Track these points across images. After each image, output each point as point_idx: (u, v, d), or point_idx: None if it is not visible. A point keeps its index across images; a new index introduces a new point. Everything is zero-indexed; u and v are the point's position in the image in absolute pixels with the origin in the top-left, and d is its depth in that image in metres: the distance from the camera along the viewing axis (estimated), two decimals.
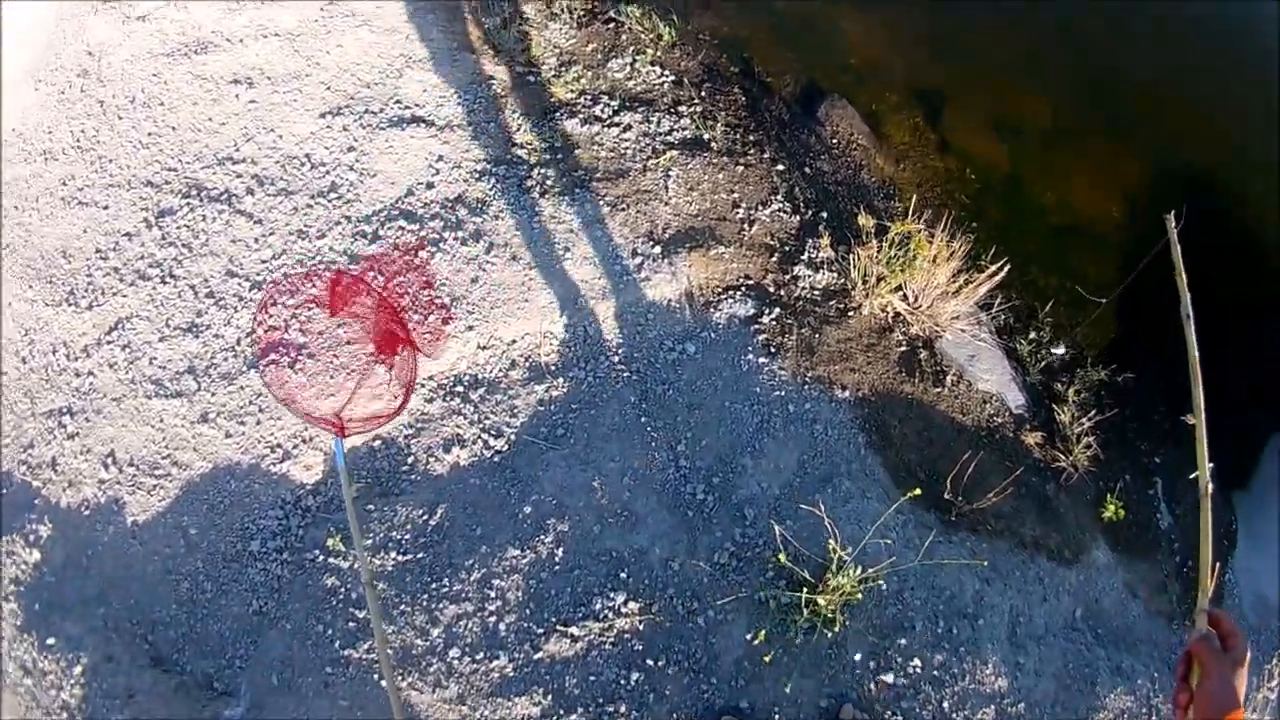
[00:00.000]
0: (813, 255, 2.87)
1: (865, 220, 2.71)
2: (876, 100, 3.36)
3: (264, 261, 2.80)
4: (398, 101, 3.23)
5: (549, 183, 3.06)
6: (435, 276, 2.83)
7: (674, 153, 3.05)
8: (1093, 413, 2.84)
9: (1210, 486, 0.92)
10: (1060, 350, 3.13)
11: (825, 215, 2.96)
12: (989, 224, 3.18)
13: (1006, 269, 2.70)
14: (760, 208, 2.95)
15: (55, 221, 3.06)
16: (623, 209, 2.97)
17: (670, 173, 3.01)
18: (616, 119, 3.18)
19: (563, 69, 3.39)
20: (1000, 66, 3.52)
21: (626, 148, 3.10)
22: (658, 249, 2.87)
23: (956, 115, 3.36)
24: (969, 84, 3.45)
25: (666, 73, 3.33)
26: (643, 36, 3.45)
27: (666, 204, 2.96)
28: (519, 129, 3.22)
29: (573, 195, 3.02)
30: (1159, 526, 2.92)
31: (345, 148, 3.08)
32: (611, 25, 3.51)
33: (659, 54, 3.40)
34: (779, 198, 2.96)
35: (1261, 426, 3.13)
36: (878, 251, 2.71)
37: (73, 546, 2.42)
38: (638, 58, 3.37)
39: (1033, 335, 3.09)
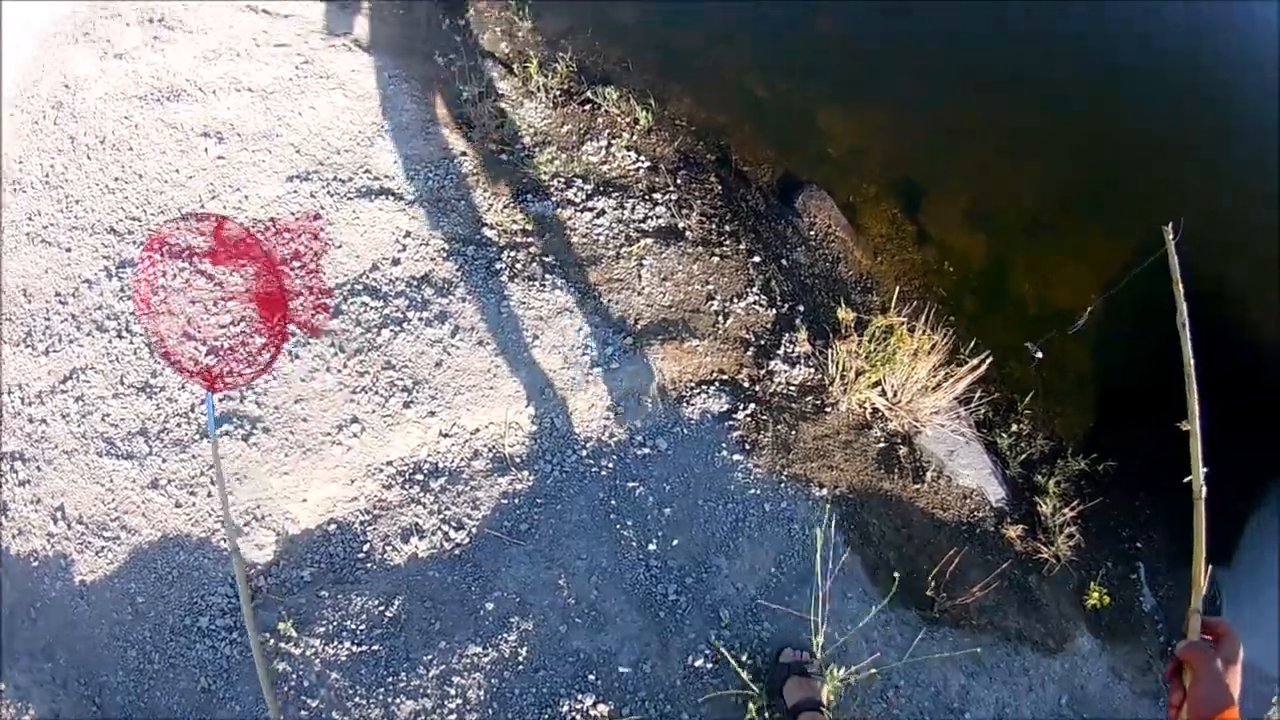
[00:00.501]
0: (789, 350, 3.69)
1: (844, 314, 3.57)
2: (854, 192, 4.34)
3: (222, 327, 3.48)
4: (367, 171, 4.07)
5: (518, 266, 3.87)
6: (322, 256, 3.61)
7: (648, 241, 3.91)
8: (1075, 503, 3.64)
9: (1204, 491, 1.19)
10: (1041, 442, 3.98)
11: (802, 309, 3.82)
12: (967, 316, 4.09)
13: (987, 362, 3.56)
14: (736, 300, 3.79)
15: (18, 257, 3.73)
16: (594, 297, 3.78)
17: (644, 261, 3.86)
18: (590, 204, 4.06)
19: (536, 149, 4.30)
20: (979, 156, 4.57)
21: (599, 234, 3.96)
22: (629, 340, 3.66)
23: (935, 206, 4.35)
24: (948, 174, 4.47)
25: (642, 158, 4.27)
26: (619, 120, 4.42)
27: (639, 294, 3.78)
28: (489, 209, 4.06)
29: (543, 281, 3.83)
30: (1142, 609, 3.68)
31: (311, 215, 3.87)
32: (588, 107, 4.48)
33: (635, 139, 4.35)
34: (755, 290, 3.82)
35: (1242, 504, 3.98)
36: (857, 345, 3.55)
37: (21, 595, 2.96)
38: (613, 142, 4.31)
39: (1013, 428, 3.93)
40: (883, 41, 4.94)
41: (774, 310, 3.79)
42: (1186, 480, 1.25)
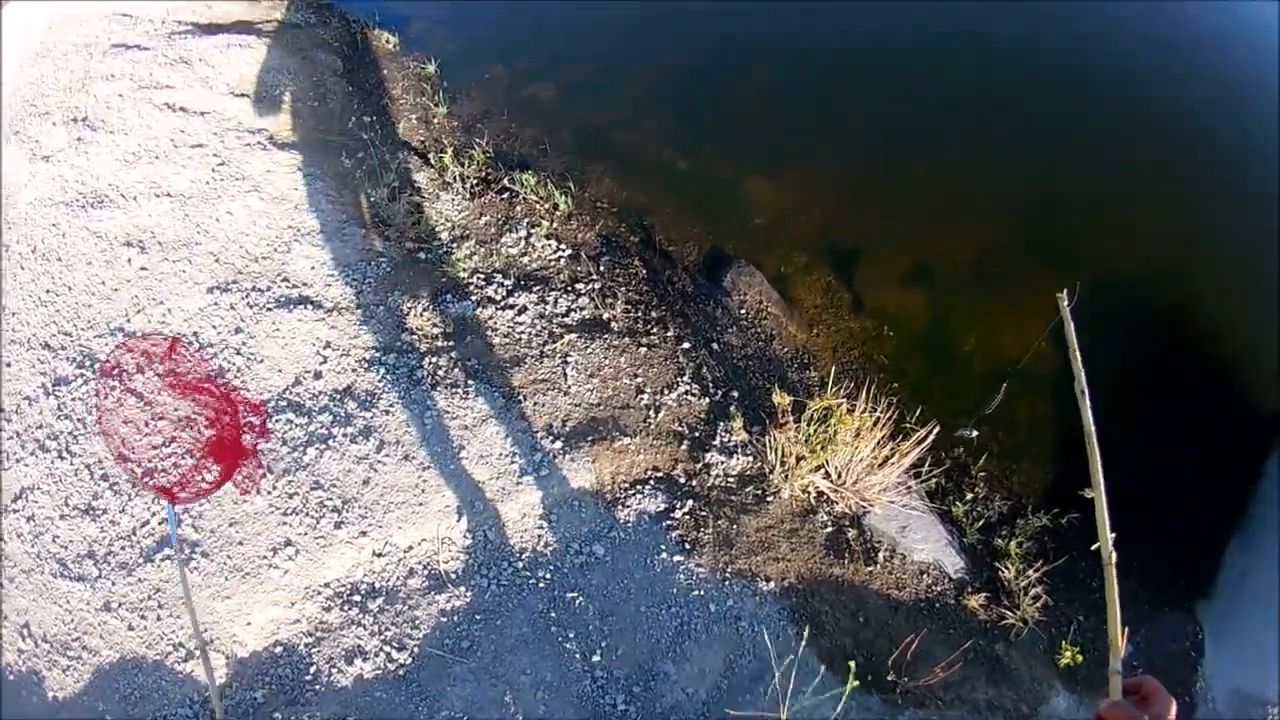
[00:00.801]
0: (725, 440, 4.21)
1: (780, 398, 4.09)
2: (784, 262, 4.93)
3: (154, 448, 3.91)
4: (285, 279, 4.59)
5: (441, 373, 4.38)
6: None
7: (572, 336, 4.44)
8: (1039, 563, 4.10)
9: (1113, 556, 1.34)
10: (999, 504, 4.49)
11: (736, 394, 4.35)
12: (911, 382, 4.64)
13: (935, 431, 4.07)
14: (666, 391, 4.32)
15: None
16: (520, 401, 4.28)
17: (569, 358, 4.39)
18: (511, 300, 4.60)
19: (455, 245, 4.86)
20: (912, 212, 5.18)
21: (522, 332, 4.49)
22: (559, 444, 4.16)
23: (869, 269, 4.93)
24: (880, 235, 5.07)
25: (563, 246, 4.83)
26: (538, 207, 5.00)
27: (566, 393, 4.30)
28: (409, 312, 4.58)
29: (466, 387, 4.34)
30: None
31: (233, 328, 4.36)
32: (505, 195, 5.06)
33: (554, 226, 4.93)
34: (686, 379, 4.35)
35: (1216, 536, 4.48)
36: (796, 431, 4.06)
37: (4, 703, 3.37)
38: (532, 231, 4.88)
39: (968, 494, 4.44)
40: (804, 103, 5.61)
41: (707, 399, 4.31)
42: (1095, 547, 1.42)
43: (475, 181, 5.08)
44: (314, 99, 5.66)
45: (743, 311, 4.72)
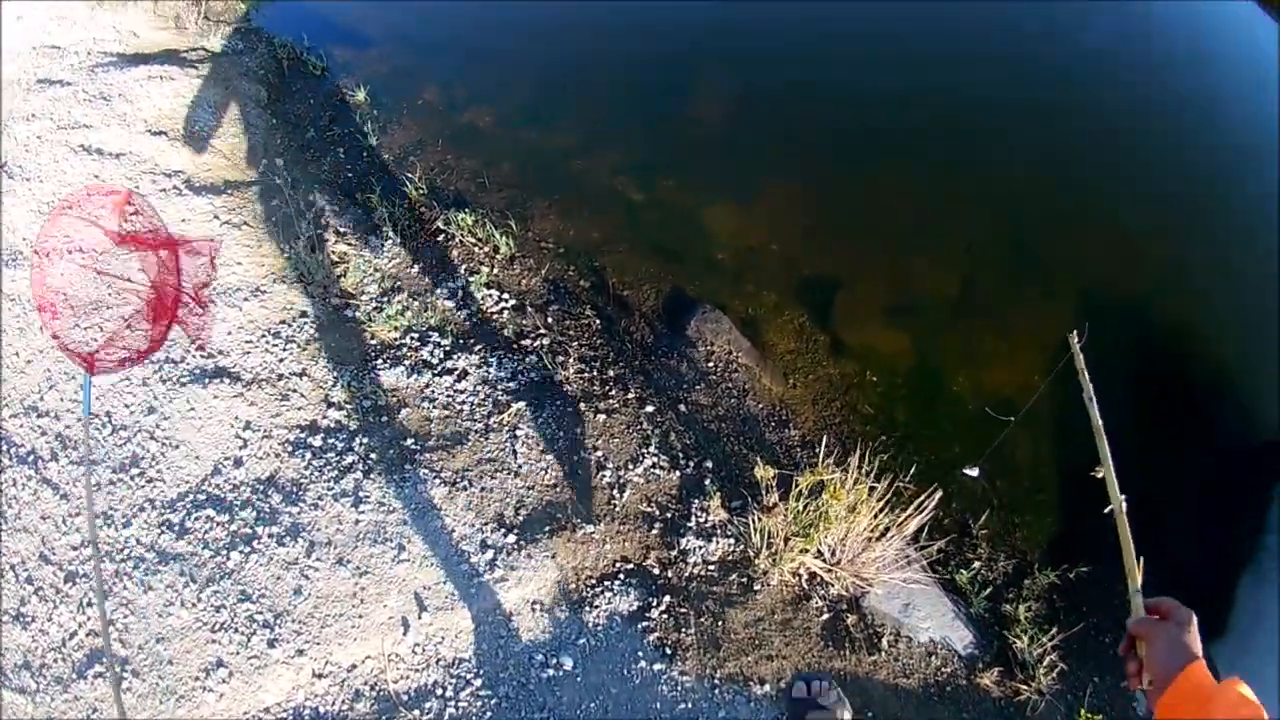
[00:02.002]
0: (702, 520, 3.22)
1: (762, 471, 3.11)
2: (753, 303, 3.93)
3: (74, 549, 3.02)
4: (200, 348, 3.59)
5: (373, 457, 3.34)
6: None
7: (520, 404, 3.40)
8: (1052, 631, 3.26)
9: (1124, 505, 1.38)
10: (1003, 564, 3.59)
11: (710, 464, 3.35)
12: (900, 431, 3.70)
13: (937, 494, 3.13)
14: (631, 466, 3.30)
15: None
16: (464, 487, 3.25)
17: (517, 432, 3.35)
18: (449, 363, 3.53)
19: (385, 299, 3.77)
20: (890, 240, 4.23)
21: (463, 402, 3.44)
22: (512, 537, 3.14)
23: (847, 306, 3.97)
24: (856, 267, 4.12)
25: (505, 296, 3.76)
26: (476, 251, 3.91)
27: (517, 474, 3.26)
28: (335, 383, 3.52)
29: (403, 473, 3.30)
30: (1137, 714, 3.32)
31: (145, 408, 3.41)
32: (440, 239, 3.96)
33: (495, 272, 3.85)
34: (652, 449, 3.34)
35: (1228, 571, 3.68)
36: (783, 509, 3.09)
37: None
38: (470, 279, 3.79)
39: (972, 560, 3.52)
40: (771, 124, 4.63)
41: (677, 472, 3.32)
42: (1108, 509, 1.36)
43: (406, 223, 3.97)
44: (234, 135, 4.50)
45: (710, 364, 3.71)
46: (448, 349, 3.58)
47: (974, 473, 3.58)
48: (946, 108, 4.81)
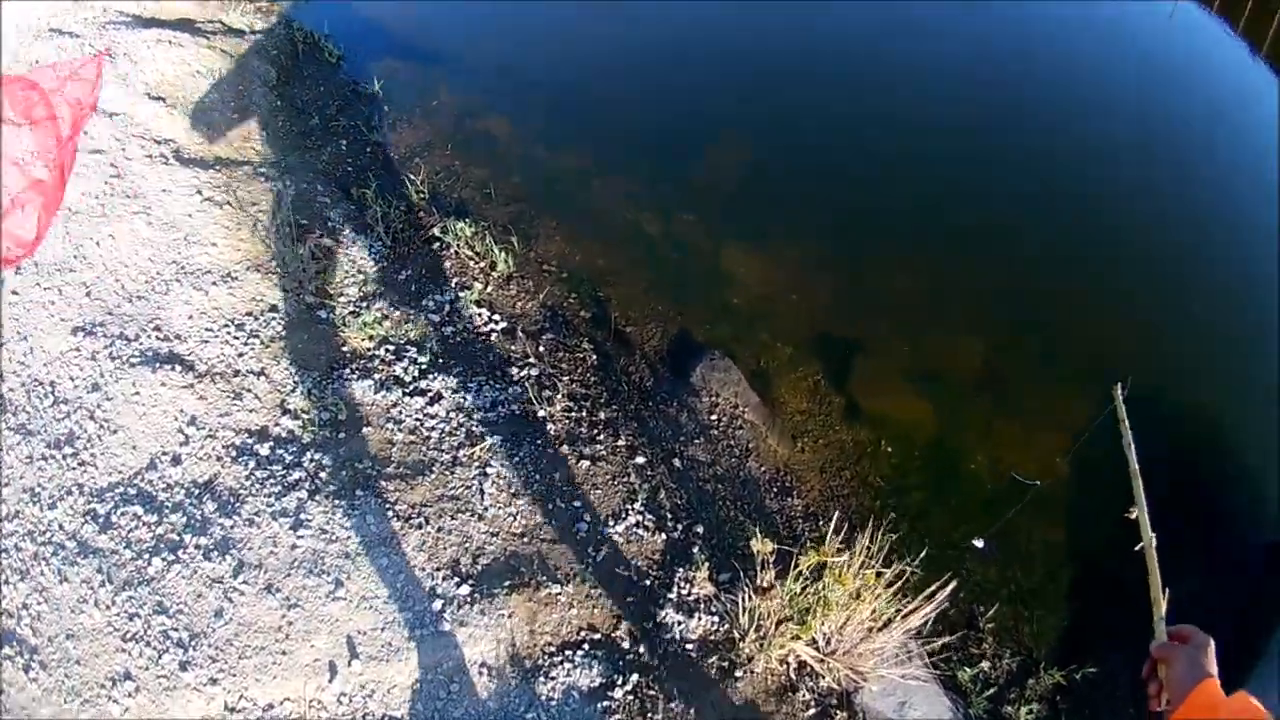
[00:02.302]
0: (684, 592, 2.78)
1: (760, 545, 2.67)
2: (766, 354, 3.53)
3: None
4: (157, 329, 3.22)
5: (324, 475, 2.93)
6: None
7: (495, 440, 2.99)
8: None
9: (1154, 541, 1.39)
10: (1008, 661, 3.15)
11: (701, 530, 2.92)
12: (912, 508, 3.27)
13: (950, 585, 2.70)
14: (612, 522, 2.87)
15: None
16: (419, 524, 2.83)
17: (488, 469, 2.93)
18: (423, 383, 3.13)
19: (364, 304, 3.38)
20: (917, 302, 3.85)
21: (433, 428, 3.02)
22: (466, 588, 2.71)
23: (866, 369, 3.56)
24: (879, 327, 3.73)
25: (496, 317, 3.37)
26: (471, 265, 3.52)
27: (481, 518, 2.84)
28: (295, 388, 3.12)
29: (354, 499, 2.88)
30: None
31: (90, 384, 3.06)
32: (434, 247, 3.58)
33: (490, 290, 3.46)
34: (638, 506, 2.91)
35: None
36: (780, 589, 2.65)
37: None
38: (461, 294, 3.40)
39: (976, 656, 3.07)
40: (800, 167, 4.25)
41: (663, 535, 2.88)
42: (1139, 547, 1.41)
43: (400, 226, 3.59)
44: (234, 111, 4.16)
45: (713, 417, 3.29)
46: (424, 367, 3.17)
47: (980, 544, 3.19)
48: (990, 172, 4.48)
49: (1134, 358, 3.95)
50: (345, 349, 3.23)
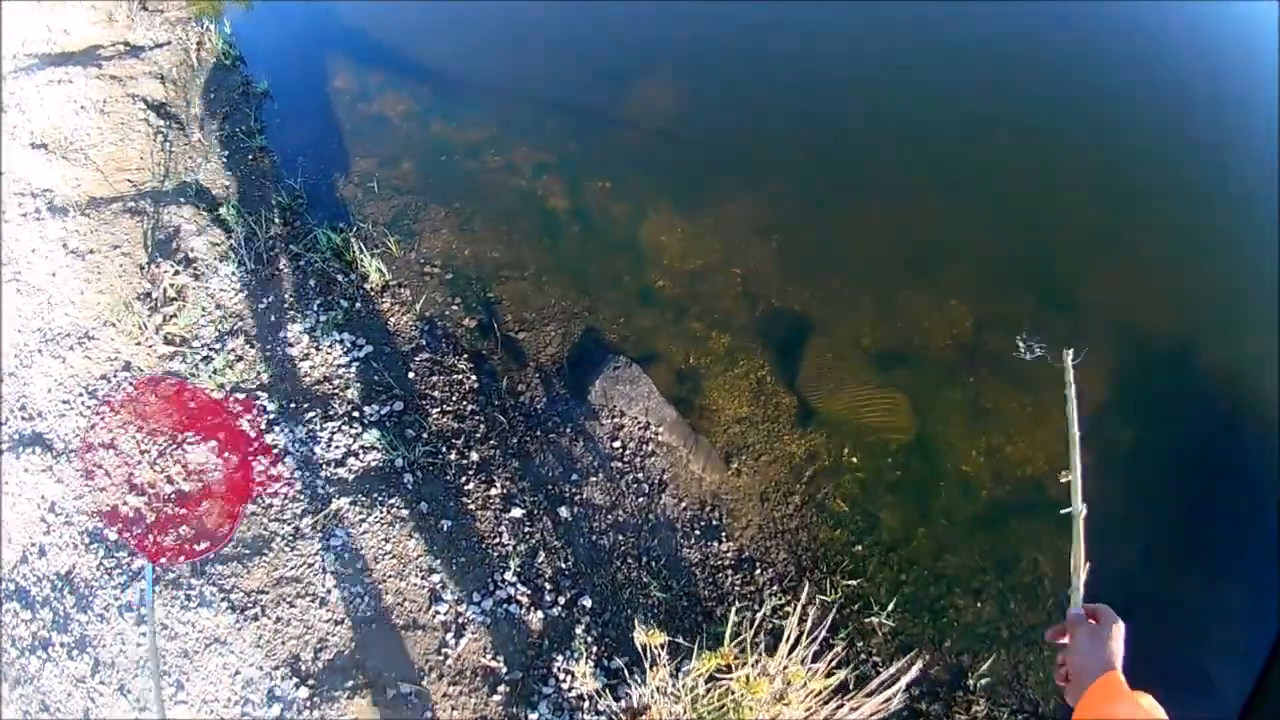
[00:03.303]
0: (564, 687, 2.01)
1: (649, 635, 1.86)
2: (697, 349, 2.63)
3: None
4: (23, 408, 2.73)
5: (166, 560, 2.36)
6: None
7: (342, 502, 2.29)
8: None
9: (1083, 510, 1.23)
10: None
11: (589, 602, 2.13)
12: (884, 534, 2.36)
13: (914, 669, 1.85)
14: (477, 599, 2.14)
15: None
16: (256, 614, 2.21)
17: (332, 541, 2.25)
18: (268, 438, 2.47)
19: (218, 345, 2.73)
20: (882, 268, 2.87)
21: (274, 493, 2.38)
22: (305, 691, 2.08)
23: (824, 355, 2.62)
24: (840, 302, 2.79)
25: (361, 341, 2.65)
26: (339, 280, 2.80)
27: (323, 603, 2.18)
28: (142, 459, 2.54)
29: (189, 588, 2.29)
30: None
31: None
32: (301, 264, 2.88)
33: (358, 307, 2.74)
34: (509, 576, 2.16)
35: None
36: (677, 685, 1.85)
37: None
38: (323, 318, 2.69)
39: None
40: (736, 112, 3.25)
41: (540, 612, 2.13)
42: (1065, 511, 1.25)
43: (265, 245, 2.91)
44: (113, 142, 3.57)
45: (616, 444, 2.45)
46: (272, 417, 2.50)
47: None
48: (953, 101, 3.36)
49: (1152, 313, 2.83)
50: (194, 403, 2.62)
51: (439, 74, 3.52)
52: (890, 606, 2.22)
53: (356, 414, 2.48)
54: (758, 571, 2.30)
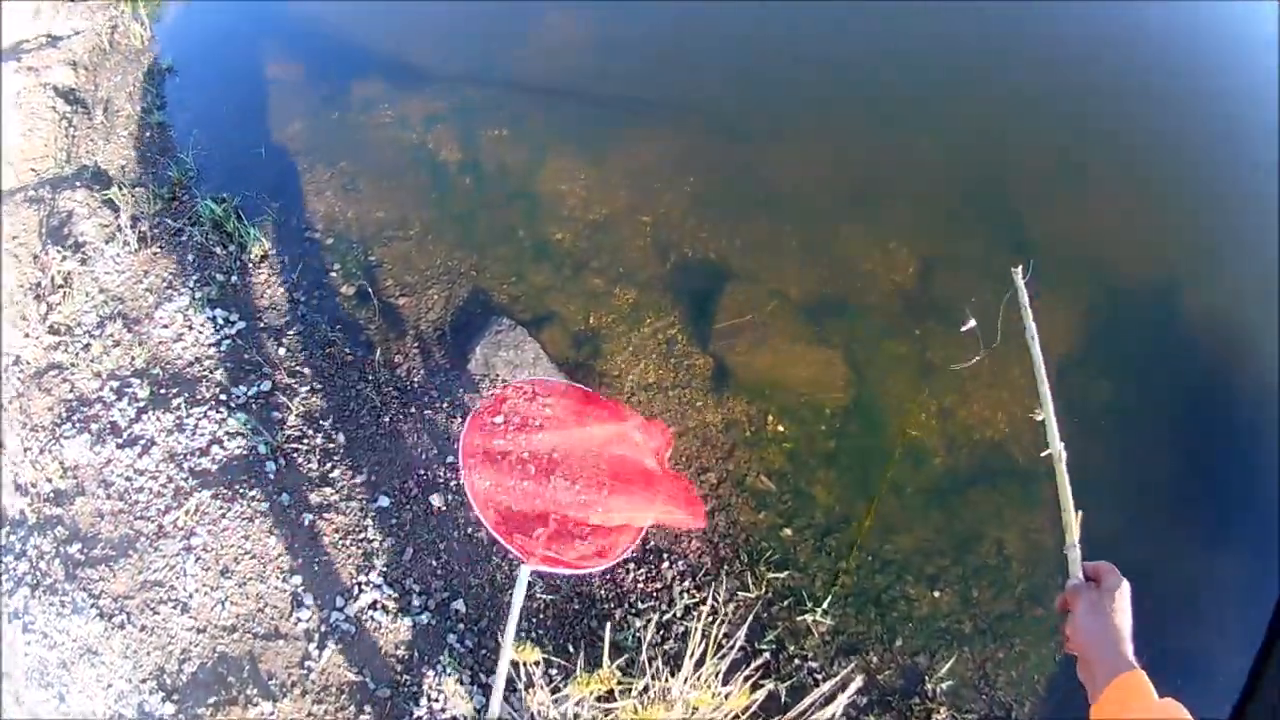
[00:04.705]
0: (435, 708, 1.64)
1: (524, 651, 1.46)
2: (596, 307, 2.17)
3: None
4: None
5: (43, 566, 2.05)
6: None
7: (203, 496, 1.93)
8: None
9: (1064, 454, 1.00)
10: None
11: (463, 607, 1.73)
12: (819, 513, 1.91)
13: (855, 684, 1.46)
14: (341, 603, 1.77)
15: None
16: (122, 622, 1.89)
17: (193, 539, 1.89)
18: (138, 427, 2.11)
19: (99, 330, 2.36)
20: (809, 206, 2.32)
21: (140, 488, 2.03)
22: (170, 707, 1.78)
23: (744, 307, 2.12)
24: (761, 245, 2.25)
25: (234, 317, 2.26)
26: (218, 253, 2.38)
27: (185, 609, 1.84)
28: (24, 457, 2.21)
29: (64, 594, 1.96)
30: None
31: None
32: (183, 239, 2.48)
33: (234, 280, 2.33)
34: (374, 577, 1.77)
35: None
36: (558, 712, 1.47)
37: None
38: (200, 292, 2.30)
39: None
40: (643, 46, 2.70)
41: (408, 619, 1.74)
42: (1045, 453, 1.02)
43: (151, 224, 2.51)
44: (23, 133, 3.15)
45: (497, 420, 2.00)
46: (143, 404, 2.13)
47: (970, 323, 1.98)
48: (894, 18, 2.75)
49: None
50: (73, 394, 2.26)
51: (338, 38, 3.03)
52: (828, 602, 1.79)
53: (224, 397, 2.09)
54: (665, 565, 1.88)
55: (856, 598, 1.85)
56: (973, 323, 2.01)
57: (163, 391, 2.20)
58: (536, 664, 1.51)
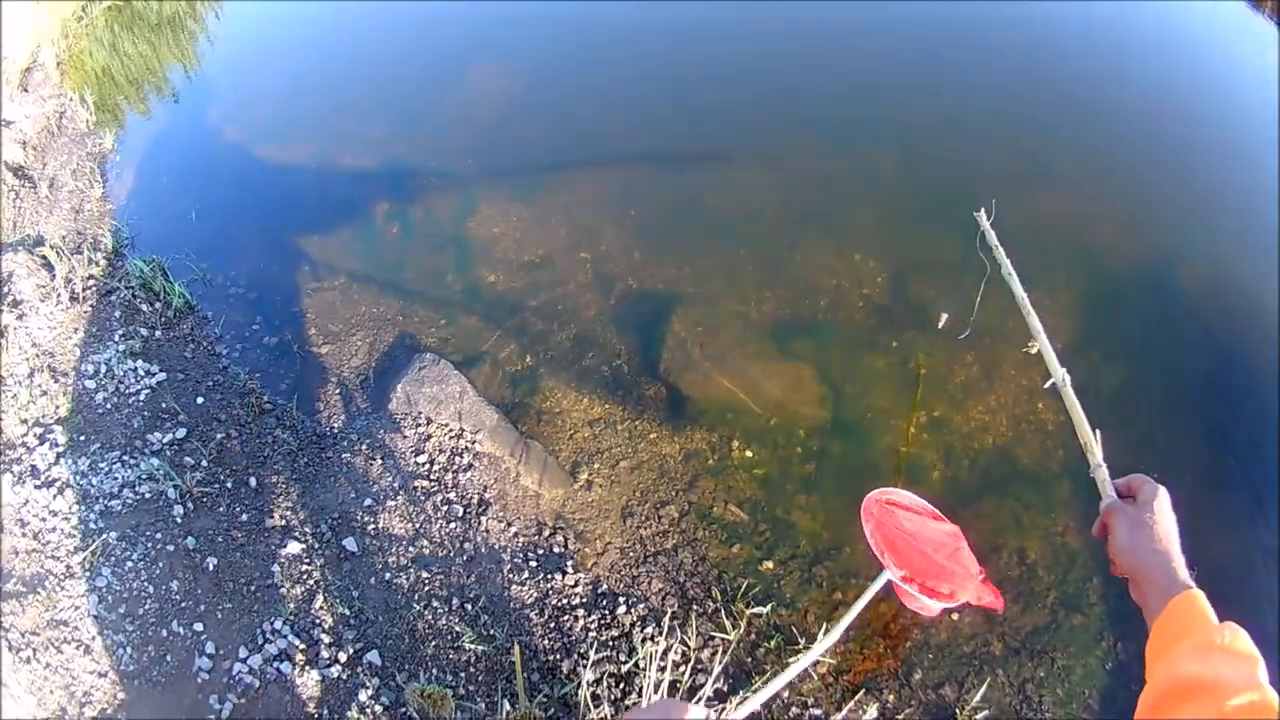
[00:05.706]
0: None
1: (428, 693, 1.50)
2: (533, 345, 2.29)
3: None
4: None
5: None
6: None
7: (109, 536, 1.99)
8: None
9: (1067, 378, 1.11)
10: None
11: (378, 660, 1.76)
12: (800, 546, 1.95)
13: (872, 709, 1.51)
14: (244, 653, 1.80)
15: None
16: (29, 657, 1.93)
17: (98, 580, 1.93)
18: (54, 471, 2.19)
19: (29, 379, 2.48)
20: (771, 227, 2.44)
21: (54, 528, 2.08)
22: None
23: (692, 330, 2.23)
24: (717, 264, 2.38)
25: (153, 370, 2.40)
26: (143, 309, 2.52)
27: (89, 650, 1.87)
28: None
29: None
30: None
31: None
32: (111, 298, 2.64)
33: (156, 336, 2.47)
34: (280, 624, 1.80)
35: None
36: None
37: None
38: (120, 349, 2.42)
39: None
40: (576, 89, 2.96)
41: (316, 672, 1.76)
42: (1049, 384, 1.15)
43: (84, 281, 2.67)
44: None
45: (421, 460, 2.10)
46: (62, 449, 2.22)
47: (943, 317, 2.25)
48: (841, 21, 3.01)
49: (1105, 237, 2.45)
50: (2, 439, 2.34)
51: (270, 106, 3.33)
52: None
53: (139, 443, 2.18)
54: (621, 609, 1.89)
55: (860, 630, 1.81)
56: (945, 316, 2.10)
57: (81, 438, 2.29)
58: (443, 708, 1.53)
